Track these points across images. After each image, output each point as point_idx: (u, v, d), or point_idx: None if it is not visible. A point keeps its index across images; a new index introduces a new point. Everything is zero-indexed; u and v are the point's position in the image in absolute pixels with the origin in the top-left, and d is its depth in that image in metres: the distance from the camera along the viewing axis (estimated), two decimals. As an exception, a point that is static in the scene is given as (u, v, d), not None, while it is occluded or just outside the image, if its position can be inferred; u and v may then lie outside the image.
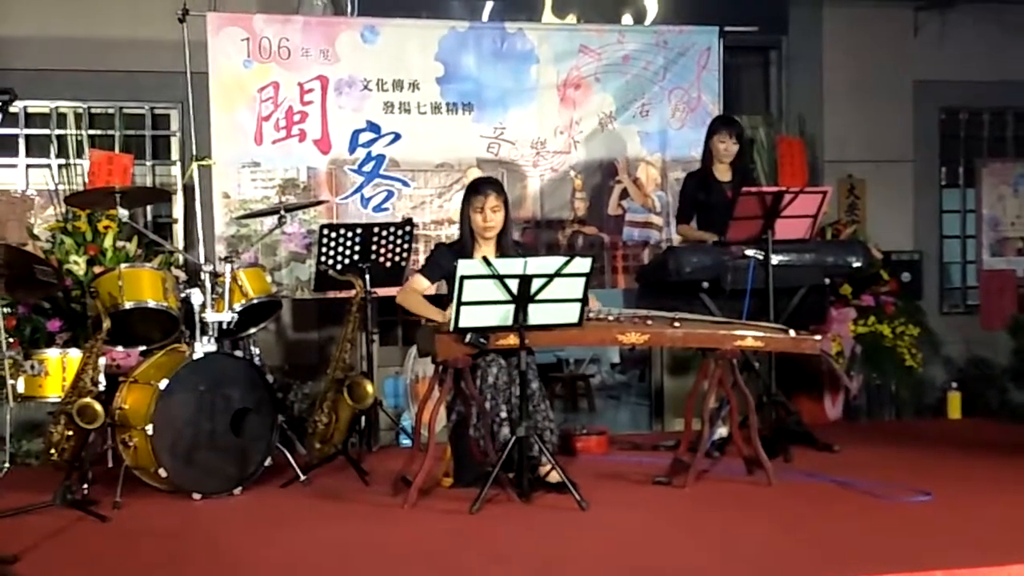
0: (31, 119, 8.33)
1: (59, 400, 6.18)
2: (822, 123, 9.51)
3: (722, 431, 6.90)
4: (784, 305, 7.02)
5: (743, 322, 6.38)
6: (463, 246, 6.28)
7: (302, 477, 6.32)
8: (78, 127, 8.29)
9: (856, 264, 7.33)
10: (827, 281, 7.33)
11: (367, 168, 8.12)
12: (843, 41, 9.54)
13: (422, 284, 6.34)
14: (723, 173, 7.53)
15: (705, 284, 6.99)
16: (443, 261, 6.23)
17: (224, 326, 6.43)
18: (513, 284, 5.54)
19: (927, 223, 9.82)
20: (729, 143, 7.46)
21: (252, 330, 6.99)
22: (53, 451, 5.85)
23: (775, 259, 6.95)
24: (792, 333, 6.18)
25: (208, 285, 6.38)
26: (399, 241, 7.51)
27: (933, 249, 9.82)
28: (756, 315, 6.71)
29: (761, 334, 6.17)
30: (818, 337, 6.35)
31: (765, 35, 9.26)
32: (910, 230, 9.71)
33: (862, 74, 9.54)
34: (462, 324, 5.59)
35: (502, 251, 6.26)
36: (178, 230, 8.48)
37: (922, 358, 8.93)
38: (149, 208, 8.36)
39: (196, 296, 6.29)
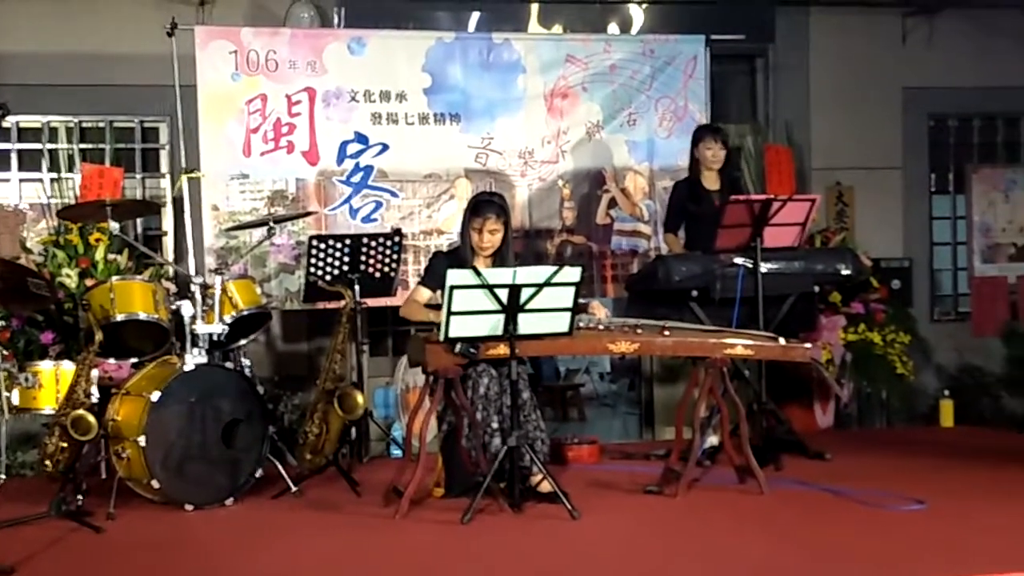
0: (24, 133, 8.35)
1: (53, 412, 6.20)
2: (810, 131, 9.53)
3: (713, 440, 6.90)
4: (774, 313, 7.02)
5: (733, 330, 6.37)
6: (462, 257, 6.28)
7: (293, 488, 6.31)
8: (69, 141, 8.31)
9: (845, 271, 7.31)
10: (816, 289, 7.33)
11: (355, 179, 8.13)
12: (830, 48, 9.56)
13: (424, 295, 6.35)
14: (711, 182, 7.53)
15: (694, 292, 6.98)
16: (441, 269, 6.12)
17: (214, 338, 6.42)
18: (503, 294, 5.53)
19: (917, 230, 9.83)
20: (716, 148, 7.46)
21: (242, 341, 6.97)
22: (48, 462, 5.85)
23: (764, 267, 6.94)
24: (782, 341, 6.18)
25: (198, 297, 6.38)
26: (388, 252, 7.50)
27: (923, 256, 9.82)
28: (746, 323, 6.72)
29: (751, 342, 6.16)
30: (808, 345, 6.35)
31: (752, 43, 9.32)
32: (900, 237, 9.71)
33: (850, 81, 9.56)
34: (452, 334, 5.57)
35: (500, 266, 6.21)
36: (168, 242, 8.50)
37: (913, 366, 8.87)
38: (139, 221, 8.38)
39: (186, 308, 6.29)
